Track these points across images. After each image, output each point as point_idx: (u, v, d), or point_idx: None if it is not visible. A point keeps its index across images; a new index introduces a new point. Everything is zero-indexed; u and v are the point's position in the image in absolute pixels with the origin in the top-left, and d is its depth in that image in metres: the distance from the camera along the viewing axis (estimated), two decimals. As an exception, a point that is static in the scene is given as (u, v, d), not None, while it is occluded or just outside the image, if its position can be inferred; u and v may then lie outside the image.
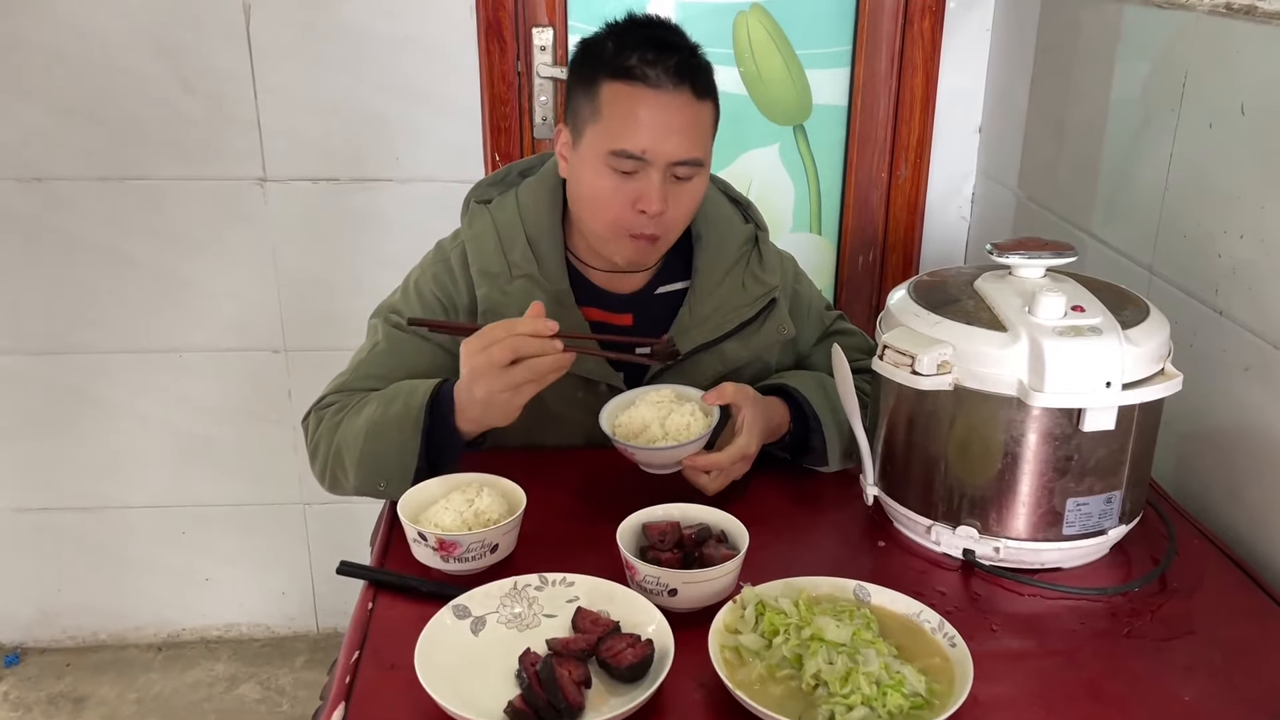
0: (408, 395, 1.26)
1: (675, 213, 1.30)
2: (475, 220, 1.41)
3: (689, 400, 1.28)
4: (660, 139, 1.24)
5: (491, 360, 1.13)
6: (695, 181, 1.30)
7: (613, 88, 1.25)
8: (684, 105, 1.25)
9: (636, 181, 1.26)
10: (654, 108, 1.24)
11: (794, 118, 2.24)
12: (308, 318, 2.23)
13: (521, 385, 1.14)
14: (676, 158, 1.26)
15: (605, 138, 1.26)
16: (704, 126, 1.29)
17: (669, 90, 1.24)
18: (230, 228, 2.15)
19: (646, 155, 1.25)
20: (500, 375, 1.13)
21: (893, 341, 1.16)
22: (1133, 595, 1.15)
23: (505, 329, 1.14)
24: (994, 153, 2.15)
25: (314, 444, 1.35)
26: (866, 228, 2.27)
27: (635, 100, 1.24)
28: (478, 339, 1.15)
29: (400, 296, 1.42)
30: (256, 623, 2.49)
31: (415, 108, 2.09)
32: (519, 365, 1.13)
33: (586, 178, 1.29)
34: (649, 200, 1.26)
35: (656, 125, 1.24)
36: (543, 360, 1.13)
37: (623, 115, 1.25)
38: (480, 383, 1.15)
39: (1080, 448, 1.12)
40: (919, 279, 1.28)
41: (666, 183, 1.27)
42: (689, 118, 1.26)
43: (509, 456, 1.35)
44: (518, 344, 1.12)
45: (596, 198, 1.29)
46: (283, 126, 2.09)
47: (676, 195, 1.29)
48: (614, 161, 1.25)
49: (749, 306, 1.41)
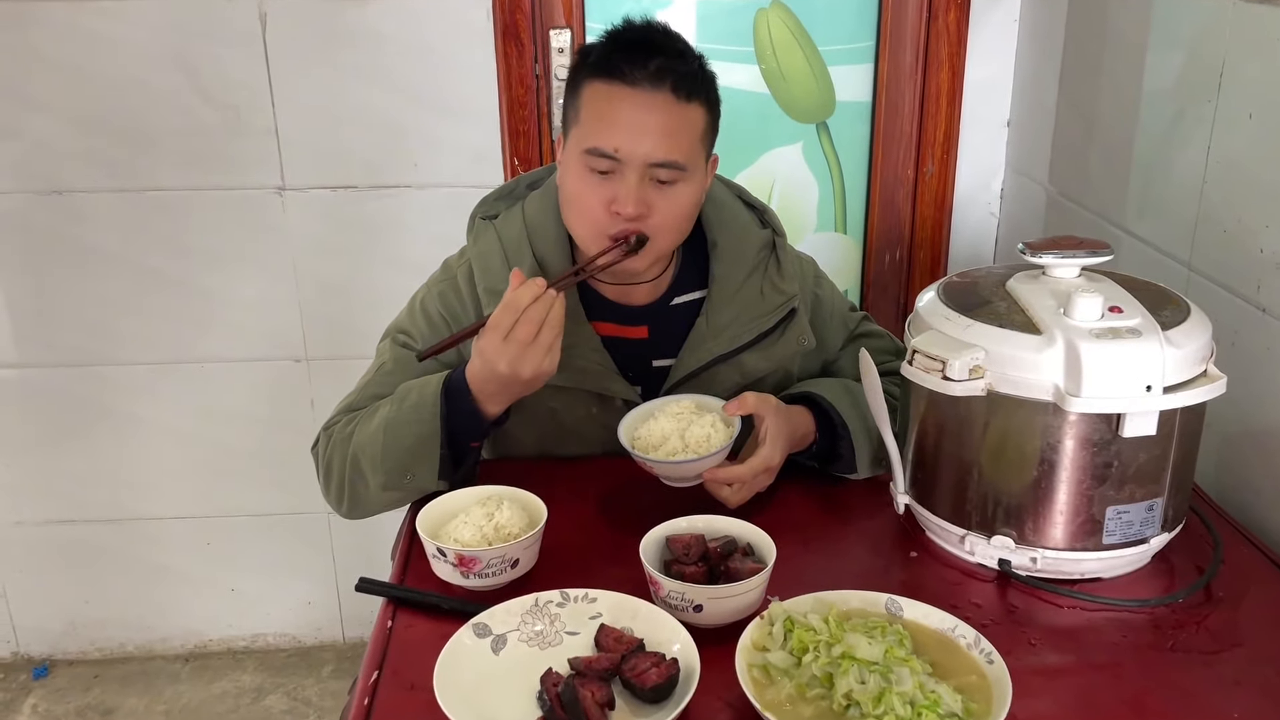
0: (420, 387, 1.24)
1: (660, 218, 1.25)
2: (481, 237, 1.38)
3: (710, 411, 1.25)
4: (635, 138, 1.20)
5: (520, 342, 1.14)
6: (680, 187, 1.25)
7: (593, 86, 1.23)
8: (663, 105, 1.21)
9: (612, 182, 1.23)
10: (630, 106, 1.21)
11: (817, 115, 2.20)
12: (328, 326, 2.22)
13: (551, 345, 1.16)
14: (653, 158, 1.21)
15: (582, 136, 1.23)
16: (688, 130, 1.24)
17: (646, 89, 1.20)
18: (250, 237, 2.15)
19: (619, 154, 1.21)
20: (533, 350, 1.15)
21: (922, 346, 1.12)
22: (1177, 606, 1.10)
23: (511, 310, 1.14)
24: (1023, 147, 2.10)
25: (326, 463, 1.32)
26: (893, 227, 2.23)
27: (611, 98, 1.21)
28: (494, 332, 1.15)
29: (406, 316, 1.40)
30: (282, 633, 2.48)
31: (433, 113, 2.08)
32: (542, 330, 1.15)
33: (568, 180, 1.27)
34: (623, 201, 1.22)
35: (631, 124, 1.21)
36: (554, 314, 1.15)
37: (598, 112, 1.22)
38: (522, 365, 1.15)
39: (1120, 454, 1.08)
40: (949, 280, 1.25)
41: (645, 185, 1.22)
42: (668, 119, 1.21)
43: (527, 467, 1.33)
44: (533, 314, 1.14)
45: (575, 200, 1.26)
46: (300, 135, 2.08)
47: (659, 200, 1.24)
48: (590, 160, 1.22)
49: (768, 317, 1.37)
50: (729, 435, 1.22)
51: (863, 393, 1.32)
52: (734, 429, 1.23)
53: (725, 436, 1.22)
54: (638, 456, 1.20)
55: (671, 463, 1.19)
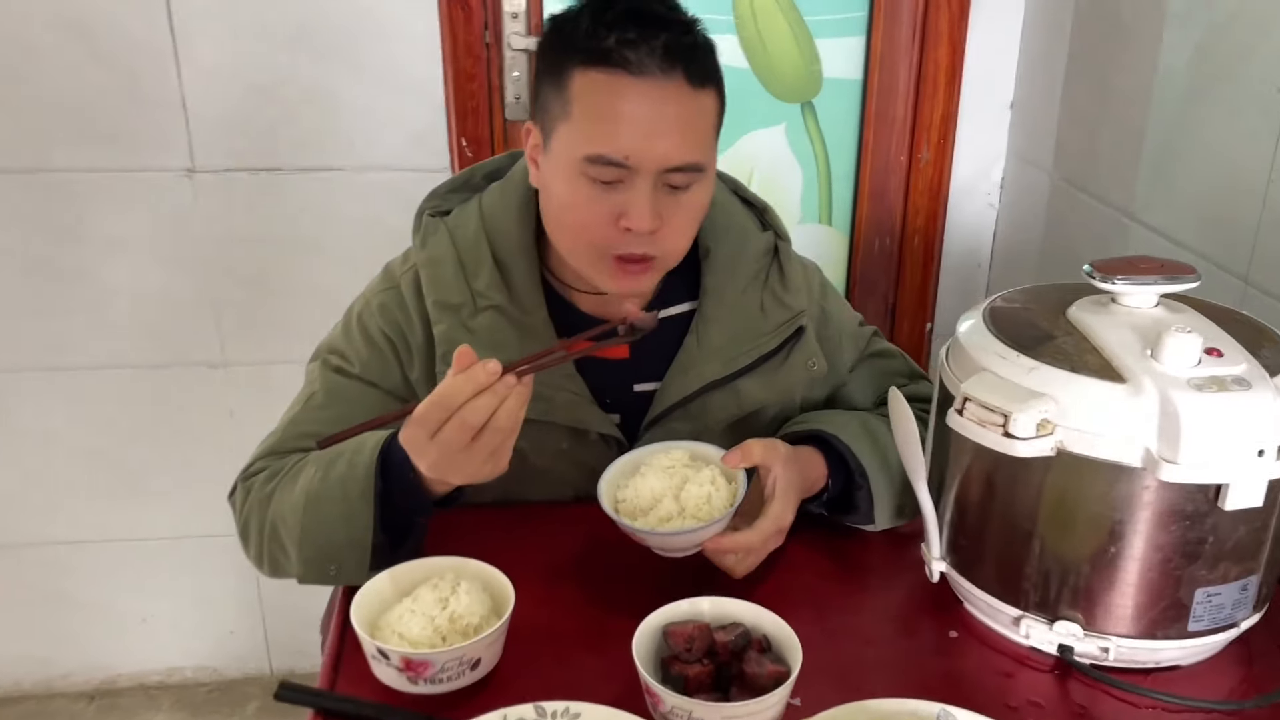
0: (352, 454, 1.02)
1: (673, 230, 1.05)
2: (430, 238, 1.16)
3: (707, 464, 1.04)
4: (648, 140, 1.00)
5: (449, 446, 0.91)
6: (695, 191, 1.05)
7: (586, 76, 1.00)
8: (677, 96, 1.00)
9: (620, 193, 1.02)
10: (639, 101, 1.00)
11: (802, 94, 2.00)
12: (250, 328, 1.99)
13: (496, 449, 0.93)
14: (670, 163, 1.01)
15: (579, 140, 1.01)
16: (704, 122, 1.04)
17: (657, 78, 0.99)
18: (155, 226, 1.90)
19: (630, 161, 1.00)
20: (467, 456, 0.92)
21: (976, 393, 0.91)
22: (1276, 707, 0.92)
23: (442, 407, 0.90)
24: (1027, 131, 1.93)
25: (243, 521, 1.12)
26: (883, 218, 2.05)
27: (614, 92, 1.00)
28: (419, 427, 0.92)
29: (341, 334, 1.18)
30: (202, 665, 2.27)
31: (368, 85, 1.85)
32: (482, 432, 0.90)
33: (559, 189, 1.05)
34: (637, 216, 1.02)
35: (642, 123, 1.00)
36: (505, 411, 0.90)
37: (598, 111, 1.00)
38: (451, 472, 0.95)
39: (1216, 528, 0.89)
40: (994, 305, 1.04)
41: (658, 193, 1.02)
42: (684, 112, 1.01)
43: (485, 519, 1.12)
44: (468, 417, 0.89)
45: (571, 214, 1.05)
46: (212, 108, 1.84)
47: (672, 208, 1.04)
48: (591, 169, 1.01)
49: (770, 336, 1.18)
50: (732, 495, 1.01)
51: (882, 430, 1.13)
52: (737, 486, 1.02)
53: (728, 497, 1.01)
54: (625, 525, 0.99)
55: (667, 533, 0.98)
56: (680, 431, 1.15)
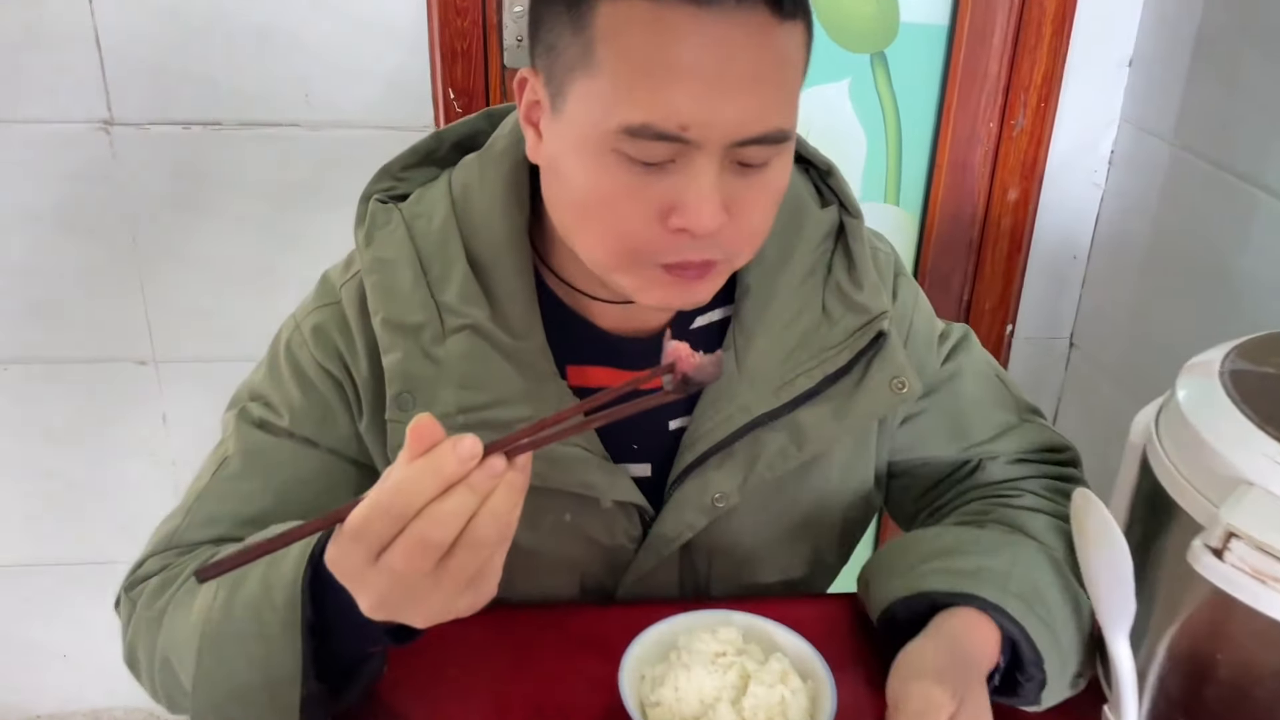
0: (268, 566, 0.72)
1: (746, 223, 0.75)
2: (378, 232, 0.86)
3: (773, 651, 0.76)
4: (716, 100, 0.69)
5: (403, 575, 0.58)
6: (775, 168, 0.75)
7: (621, 6, 0.68)
8: (761, 32, 0.69)
9: (670, 177, 0.72)
10: (703, 41, 0.68)
11: (872, 42, 1.69)
12: (185, 319, 1.72)
13: (477, 574, 0.60)
14: (746, 133, 0.70)
15: (610, 102, 0.70)
16: (792, 70, 0.73)
17: (727, 6, 0.67)
18: (65, 190, 1.61)
19: (690, 133, 0.69)
20: (433, 586, 0.59)
21: (1250, 529, 0.58)
22: None
23: (391, 514, 0.57)
24: (1146, 94, 1.63)
25: (129, 644, 0.85)
26: (963, 198, 1.74)
27: (666, 28, 0.68)
28: (355, 543, 0.59)
29: (266, 374, 0.90)
30: (134, 707, 2.02)
31: (332, 23, 1.55)
32: (455, 550, 0.58)
33: (576, 173, 0.74)
34: (696, 213, 0.71)
35: (708, 74, 0.69)
36: (488, 515, 0.57)
37: (642, 58, 0.69)
38: (408, 611, 0.61)
39: None
40: (1234, 365, 0.71)
41: (725, 175, 0.72)
42: (768, 57, 0.70)
43: (461, 633, 0.81)
44: (430, 531, 0.57)
45: (598, 211, 0.74)
46: (135, 48, 1.53)
47: (745, 195, 0.74)
48: (628, 145, 0.70)
49: (838, 349, 0.88)
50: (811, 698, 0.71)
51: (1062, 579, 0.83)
52: (819, 686, 0.72)
53: (804, 708, 0.70)
54: None
55: None
56: (721, 486, 0.86)
